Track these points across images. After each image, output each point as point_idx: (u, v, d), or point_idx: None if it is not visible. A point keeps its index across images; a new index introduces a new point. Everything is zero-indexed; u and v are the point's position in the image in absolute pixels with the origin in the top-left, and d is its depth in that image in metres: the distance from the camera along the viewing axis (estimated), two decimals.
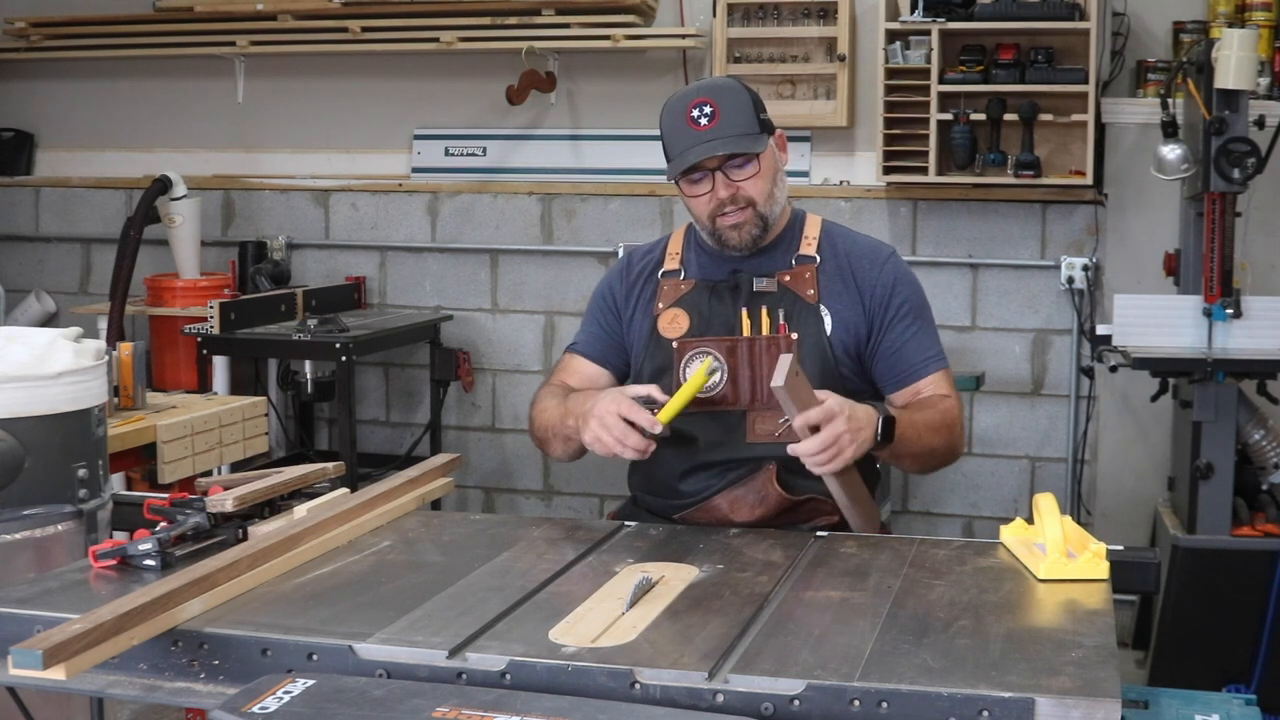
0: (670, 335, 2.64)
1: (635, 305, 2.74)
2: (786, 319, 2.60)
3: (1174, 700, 1.85)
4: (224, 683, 1.78)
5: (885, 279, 2.65)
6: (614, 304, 2.77)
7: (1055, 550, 2.09)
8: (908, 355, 2.64)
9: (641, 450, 2.40)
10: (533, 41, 5.38)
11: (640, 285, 2.75)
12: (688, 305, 2.66)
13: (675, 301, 2.67)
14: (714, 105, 2.53)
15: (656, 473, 2.66)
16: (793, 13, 5.25)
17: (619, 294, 2.76)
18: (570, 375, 2.77)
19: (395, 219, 5.85)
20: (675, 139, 2.58)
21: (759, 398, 2.55)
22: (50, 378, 2.30)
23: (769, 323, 2.59)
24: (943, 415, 2.59)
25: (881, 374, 2.66)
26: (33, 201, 6.27)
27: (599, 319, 2.78)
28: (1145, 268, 4.78)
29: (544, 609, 1.94)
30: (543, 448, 2.73)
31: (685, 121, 2.54)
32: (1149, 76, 4.95)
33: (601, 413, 2.41)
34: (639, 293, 2.74)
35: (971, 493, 5.34)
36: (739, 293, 2.64)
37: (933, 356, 2.66)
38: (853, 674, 1.66)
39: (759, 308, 2.61)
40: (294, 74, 5.89)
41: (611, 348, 2.76)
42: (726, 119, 2.54)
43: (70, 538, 2.32)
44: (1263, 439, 4.11)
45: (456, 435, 5.82)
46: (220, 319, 4.93)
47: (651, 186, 5.47)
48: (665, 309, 2.67)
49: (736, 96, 2.58)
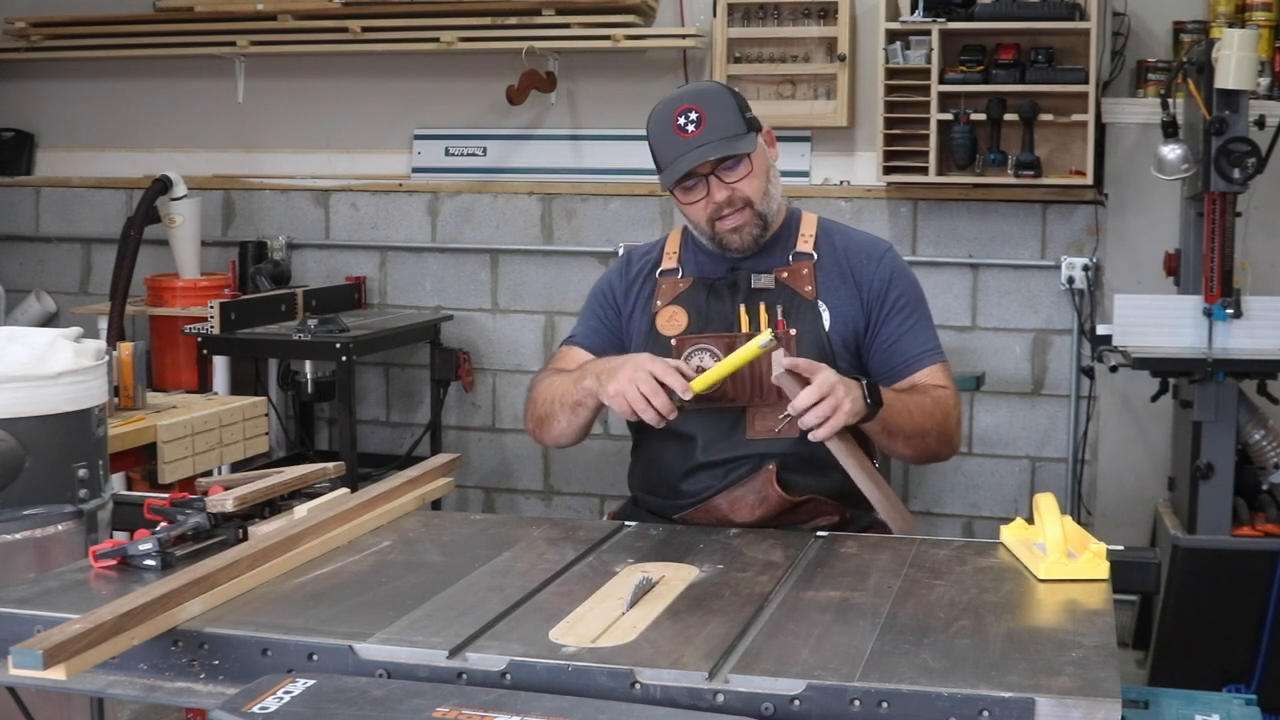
0: (669, 333, 2.64)
1: (634, 303, 2.74)
2: (785, 315, 2.60)
3: (1174, 700, 1.85)
4: (224, 683, 1.78)
5: (883, 273, 2.66)
6: (613, 300, 2.77)
7: (1055, 550, 2.09)
8: (904, 348, 2.64)
9: (665, 414, 2.37)
10: (533, 41, 5.39)
11: (639, 283, 2.75)
12: (686, 303, 2.66)
13: (673, 299, 2.67)
14: (699, 111, 2.54)
15: (657, 473, 2.66)
16: (793, 13, 5.25)
17: (618, 290, 2.77)
18: (569, 365, 2.74)
19: (395, 219, 5.85)
20: (664, 148, 2.59)
21: (759, 394, 2.55)
22: (50, 378, 2.30)
23: (767, 319, 2.59)
24: (935, 400, 2.59)
25: (878, 366, 2.65)
26: (33, 201, 6.27)
27: (598, 313, 2.78)
28: (1145, 268, 4.78)
29: (544, 609, 1.94)
30: (539, 427, 2.69)
31: (672, 130, 2.55)
32: (1149, 76, 4.95)
33: (635, 368, 2.39)
34: (638, 290, 2.74)
35: (971, 493, 5.34)
36: (737, 290, 2.64)
37: (930, 350, 2.66)
38: (853, 674, 1.66)
39: (757, 304, 2.62)
40: (294, 74, 5.89)
41: (610, 341, 2.74)
42: (713, 123, 2.54)
43: (70, 538, 2.32)
44: (1263, 439, 4.11)
45: (456, 435, 5.82)
46: (220, 319, 4.93)
47: (651, 186, 5.46)
48: (664, 306, 2.67)
49: (720, 99, 2.59)
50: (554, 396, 2.62)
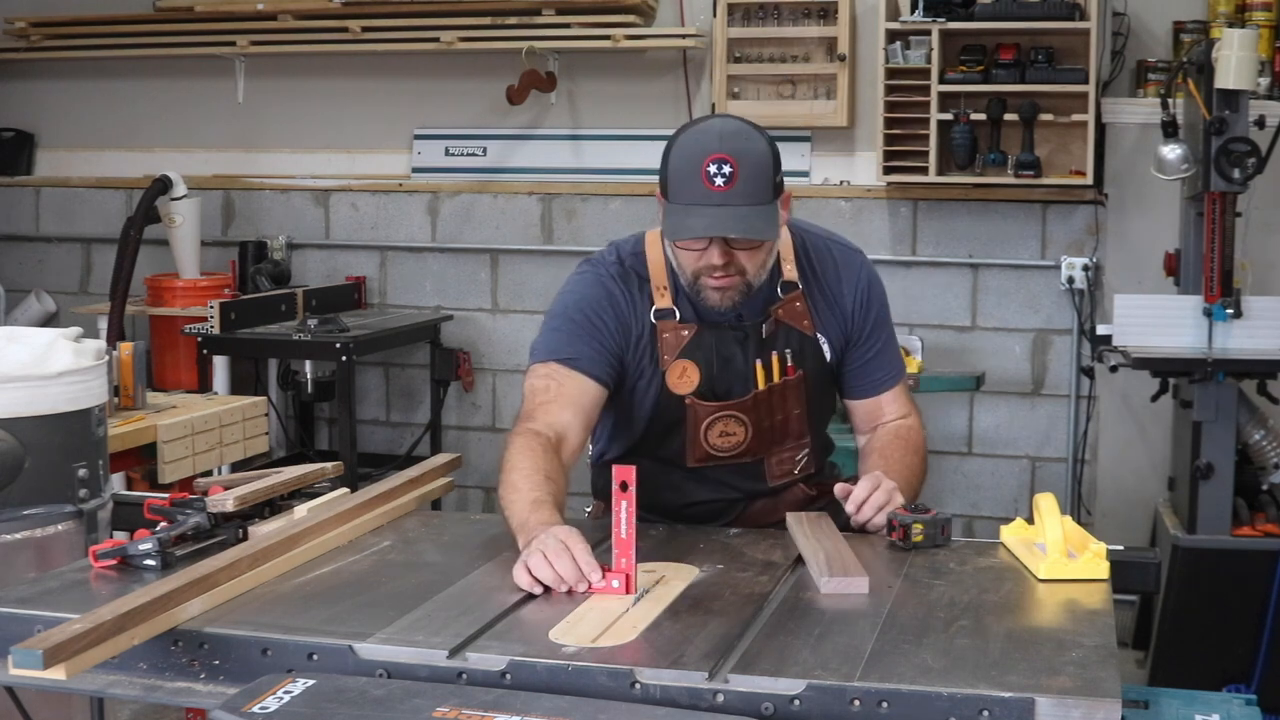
0: (681, 391, 2.50)
1: (641, 344, 2.51)
2: (793, 359, 2.56)
3: (1174, 700, 1.85)
4: (224, 683, 1.78)
5: (860, 292, 2.61)
6: (615, 316, 2.51)
7: (1055, 550, 2.09)
8: (877, 366, 2.64)
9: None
10: (533, 41, 5.38)
11: (642, 315, 2.52)
12: (695, 355, 2.51)
13: (680, 352, 2.50)
14: (733, 165, 2.31)
15: (662, 500, 2.60)
16: (793, 13, 5.25)
17: (623, 308, 2.52)
18: (562, 399, 2.46)
19: (395, 219, 5.84)
20: (683, 188, 2.37)
21: (776, 440, 2.58)
22: (50, 378, 2.30)
23: (779, 367, 2.55)
24: (912, 447, 2.61)
25: (848, 380, 2.65)
26: (33, 201, 6.26)
27: (597, 333, 2.49)
28: (1145, 268, 4.78)
29: (544, 609, 1.94)
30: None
31: (699, 174, 2.33)
32: (1149, 76, 4.94)
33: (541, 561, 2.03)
34: (641, 326, 2.52)
35: (971, 493, 5.34)
36: (748, 343, 2.53)
37: (896, 371, 2.68)
38: (853, 674, 1.66)
39: (769, 354, 2.54)
40: (294, 74, 5.89)
41: (613, 365, 2.50)
42: (744, 183, 2.32)
43: (70, 538, 2.33)
44: (1263, 439, 4.10)
45: (456, 435, 5.82)
46: (220, 319, 4.93)
47: (651, 186, 5.43)
48: (672, 361, 2.50)
49: (758, 161, 2.35)
50: (504, 499, 2.31)
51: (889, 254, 5.24)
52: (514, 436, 2.42)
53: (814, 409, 2.60)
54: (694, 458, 2.55)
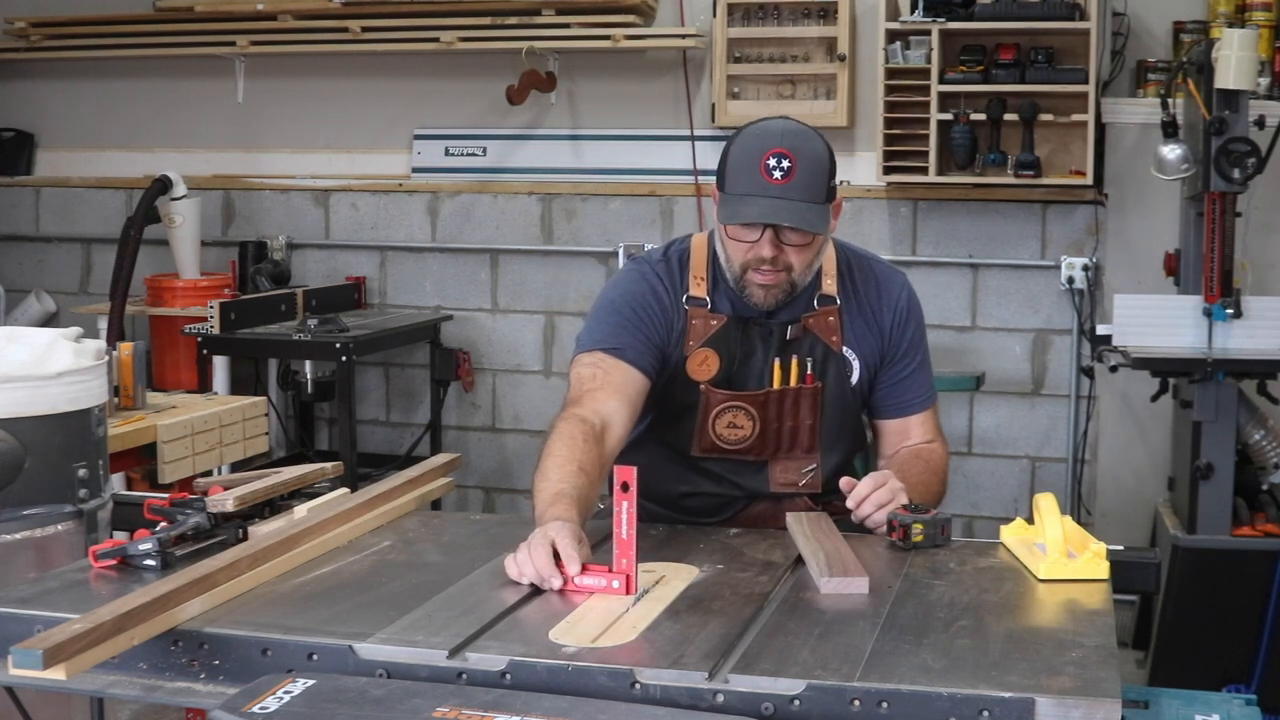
0: (699, 378, 2.54)
1: (676, 327, 2.56)
2: (813, 367, 2.57)
3: (1174, 700, 1.85)
4: (224, 683, 1.78)
5: (900, 314, 2.64)
6: (660, 310, 2.56)
7: (1055, 550, 2.09)
8: (908, 388, 2.66)
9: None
10: (533, 41, 5.38)
11: (679, 316, 2.57)
12: (718, 345, 2.55)
13: (706, 340, 2.55)
14: (793, 160, 2.38)
15: (663, 489, 2.62)
16: (793, 13, 5.25)
17: (667, 302, 2.56)
18: (609, 387, 2.47)
19: (395, 219, 5.85)
20: (741, 179, 2.42)
21: (783, 447, 2.58)
22: (50, 378, 2.30)
23: (798, 372, 2.56)
24: (934, 469, 2.61)
25: (879, 398, 2.67)
26: (33, 201, 6.26)
27: (643, 326, 2.54)
28: (1145, 268, 4.78)
29: (544, 609, 1.94)
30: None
31: (759, 166, 2.38)
32: (1149, 76, 4.94)
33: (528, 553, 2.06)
34: (679, 325, 2.57)
35: (971, 493, 5.34)
36: (771, 340, 2.56)
37: (928, 394, 2.69)
38: (853, 674, 1.66)
39: (790, 357, 2.56)
40: (294, 74, 5.89)
41: (656, 357, 2.54)
42: (801, 179, 2.39)
43: (70, 538, 2.33)
44: (1263, 439, 4.11)
45: (456, 435, 5.82)
46: (220, 319, 4.93)
47: (652, 186, 5.47)
48: (696, 348, 2.54)
49: (817, 158, 2.43)
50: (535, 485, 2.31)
51: (889, 254, 5.24)
52: (559, 421, 2.42)
53: (827, 425, 2.59)
54: (700, 446, 2.57)
